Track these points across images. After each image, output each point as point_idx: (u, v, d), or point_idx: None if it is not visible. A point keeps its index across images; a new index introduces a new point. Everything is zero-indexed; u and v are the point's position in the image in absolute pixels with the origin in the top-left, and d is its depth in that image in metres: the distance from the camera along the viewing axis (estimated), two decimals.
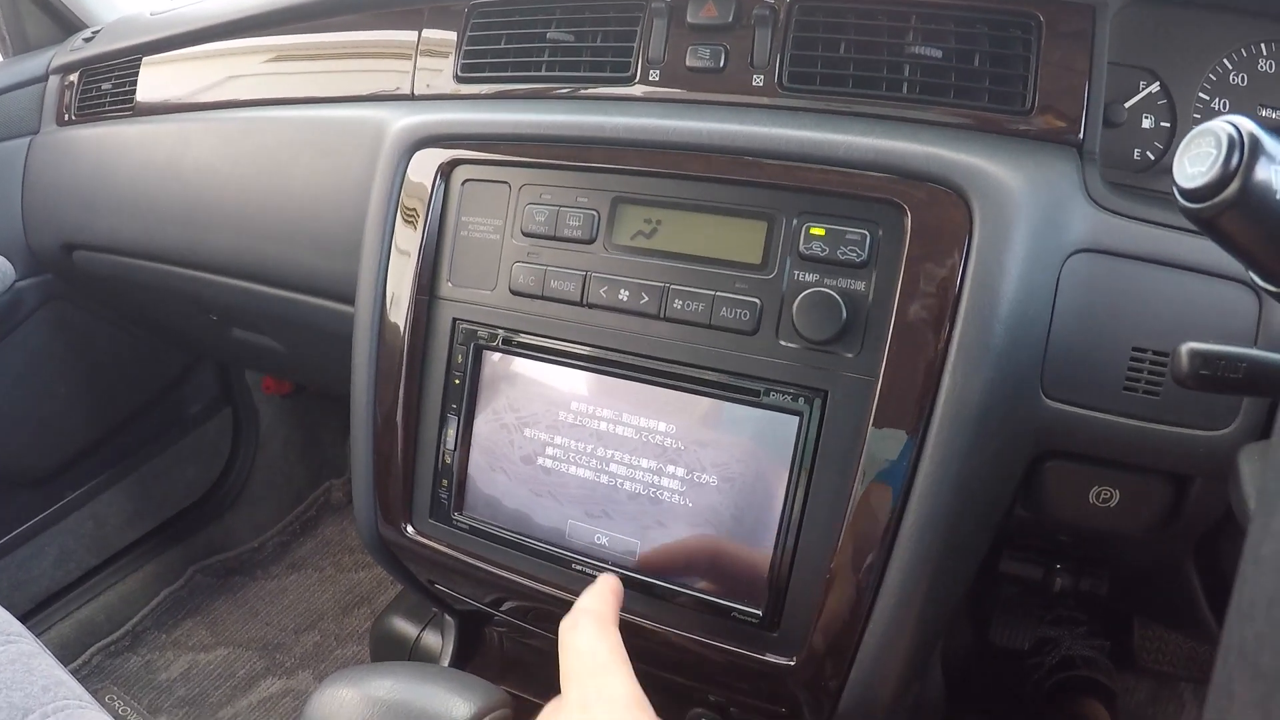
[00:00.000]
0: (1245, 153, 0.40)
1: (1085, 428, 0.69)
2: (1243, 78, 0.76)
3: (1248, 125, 0.41)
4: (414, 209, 0.88)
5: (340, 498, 2.17)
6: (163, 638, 1.85)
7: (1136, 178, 0.78)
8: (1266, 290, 0.48)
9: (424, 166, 0.88)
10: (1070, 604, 1.31)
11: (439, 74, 1.00)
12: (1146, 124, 0.78)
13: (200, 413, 1.99)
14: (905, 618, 0.71)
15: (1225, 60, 0.76)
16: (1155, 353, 0.67)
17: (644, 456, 0.78)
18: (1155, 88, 0.77)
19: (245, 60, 1.24)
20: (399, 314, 0.88)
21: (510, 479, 0.84)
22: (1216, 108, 0.77)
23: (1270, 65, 0.76)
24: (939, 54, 0.77)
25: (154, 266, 1.33)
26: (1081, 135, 0.73)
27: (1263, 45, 0.76)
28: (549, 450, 0.82)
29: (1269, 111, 0.76)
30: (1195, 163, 0.42)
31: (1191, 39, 0.77)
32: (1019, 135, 0.74)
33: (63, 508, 1.79)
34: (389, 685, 0.68)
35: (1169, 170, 0.76)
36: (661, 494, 0.77)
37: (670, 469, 0.77)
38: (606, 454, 0.79)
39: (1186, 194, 0.42)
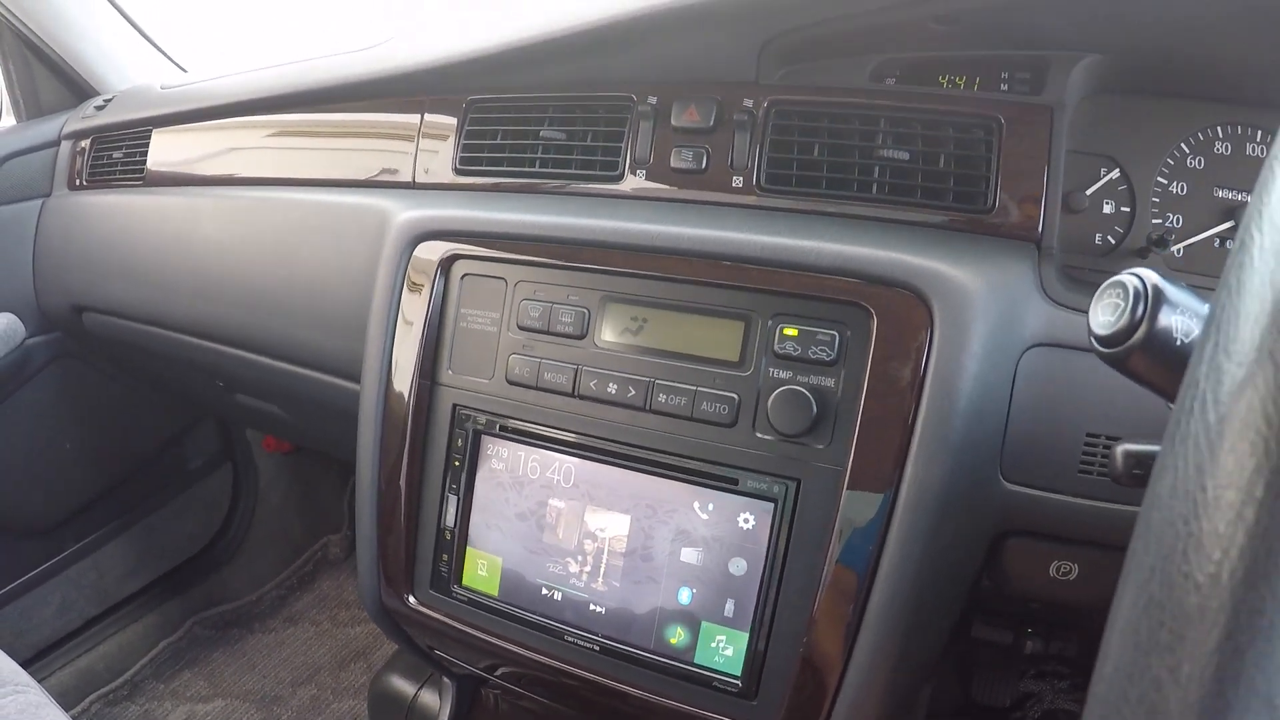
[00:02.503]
0: (1149, 303, 0.46)
1: (1044, 508, 0.74)
2: (1200, 160, 0.82)
3: (1152, 278, 0.46)
4: (417, 299, 0.94)
5: (337, 553, 2.20)
6: (161, 688, 1.87)
7: (1097, 261, 0.83)
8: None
9: (426, 258, 0.94)
10: (1051, 659, 1.35)
11: (439, 162, 1.06)
12: (1107, 209, 0.83)
13: (201, 467, 2.03)
14: (875, 686, 0.76)
15: (1183, 144, 0.81)
16: (1108, 437, 0.71)
17: (632, 537, 0.83)
18: (1115, 174, 0.82)
19: (252, 134, 1.30)
20: (402, 398, 0.94)
21: (508, 554, 0.89)
22: (1175, 191, 0.82)
23: (1226, 148, 0.81)
24: (906, 156, 0.83)
25: (162, 333, 1.38)
26: (1040, 231, 0.78)
27: (1218, 128, 0.81)
28: (545, 530, 0.87)
29: (1226, 193, 0.82)
30: (1106, 311, 0.47)
31: (1149, 126, 0.82)
32: (981, 233, 0.80)
33: (66, 558, 1.82)
34: None
35: (1130, 253, 0.82)
36: (647, 572, 0.82)
37: (656, 549, 0.82)
38: (598, 535, 0.84)
39: (1100, 340, 0.48)
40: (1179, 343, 0.46)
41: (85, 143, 1.54)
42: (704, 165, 0.91)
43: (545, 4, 0.96)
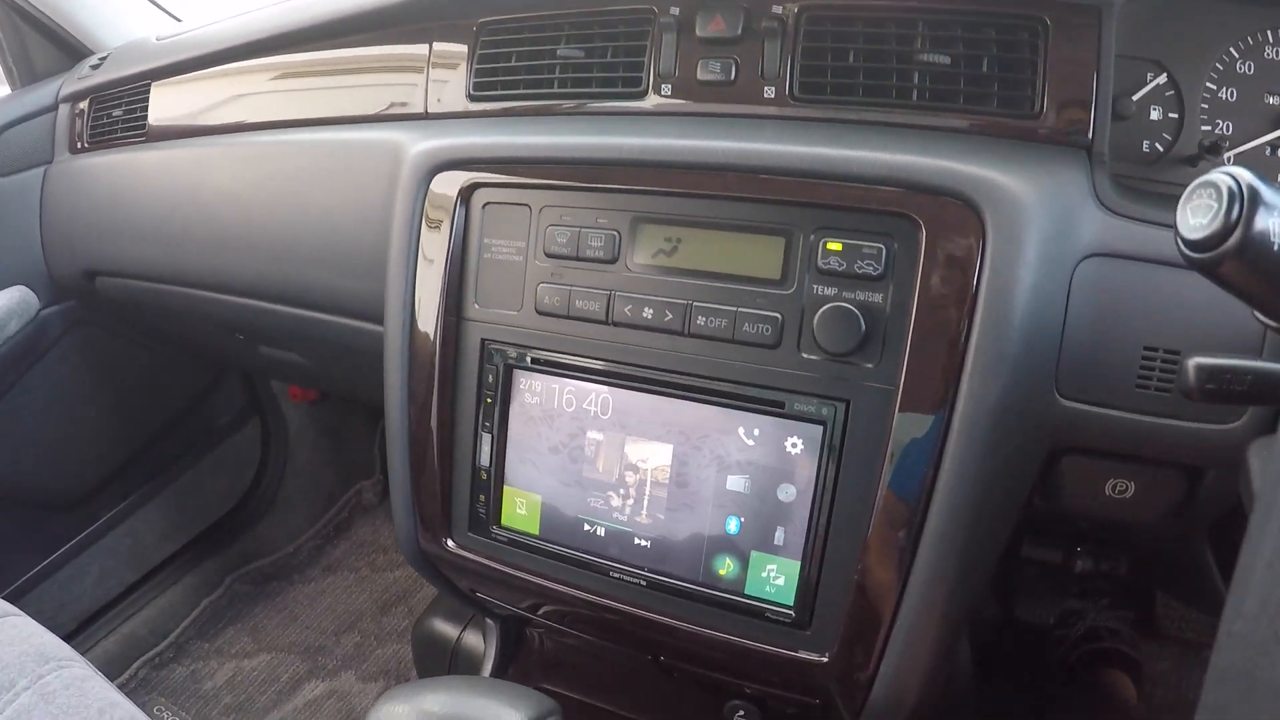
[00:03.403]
0: (1245, 205, 0.42)
1: (1099, 424, 0.71)
2: (1250, 66, 0.77)
3: (1246, 177, 0.43)
4: (437, 233, 0.90)
5: (371, 499, 2.21)
6: (206, 647, 1.89)
7: (1146, 169, 0.79)
8: (1267, 325, 0.50)
9: (444, 190, 0.90)
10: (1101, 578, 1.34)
11: (451, 90, 1.02)
12: (1155, 115, 0.79)
13: (229, 424, 2.03)
14: (931, 610, 0.74)
15: (1231, 49, 0.77)
16: (1166, 351, 0.69)
17: (677, 468, 0.80)
18: (1163, 79, 0.78)
19: (254, 78, 1.26)
20: (428, 336, 0.91)
21: (546, 491, 0.87)
22: (1224, 97, 0.78)
23: (1277, 52, 0.77)
24: (947, 60, 0.78)
25: (178, 290, 1.36)
26: (1090, 136, 0.75)
27: (1269, 32, 0.77)
28: (583, 464, 0.85)
29: (1277, 99, 0.77)
30: (1197, 214, 0.44)
31: (1197, 29, 0.78)
32: (1028, 139, 0.76)
33: (100, 527, 1.83)
34: (442, 699, 0.71)
35: (1178, 161, 0.78)
36: (693, 502, 0.80)
37: (701, 478, 0.80)
38: (639, 466, 0.82)
39: (1190, 244, 0.44)
40: (1277, 247, 0.42)
41: (83, 104, 1.50)
42: (733, 76, 0.86)
43: None
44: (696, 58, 0.88)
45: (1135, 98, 0.78)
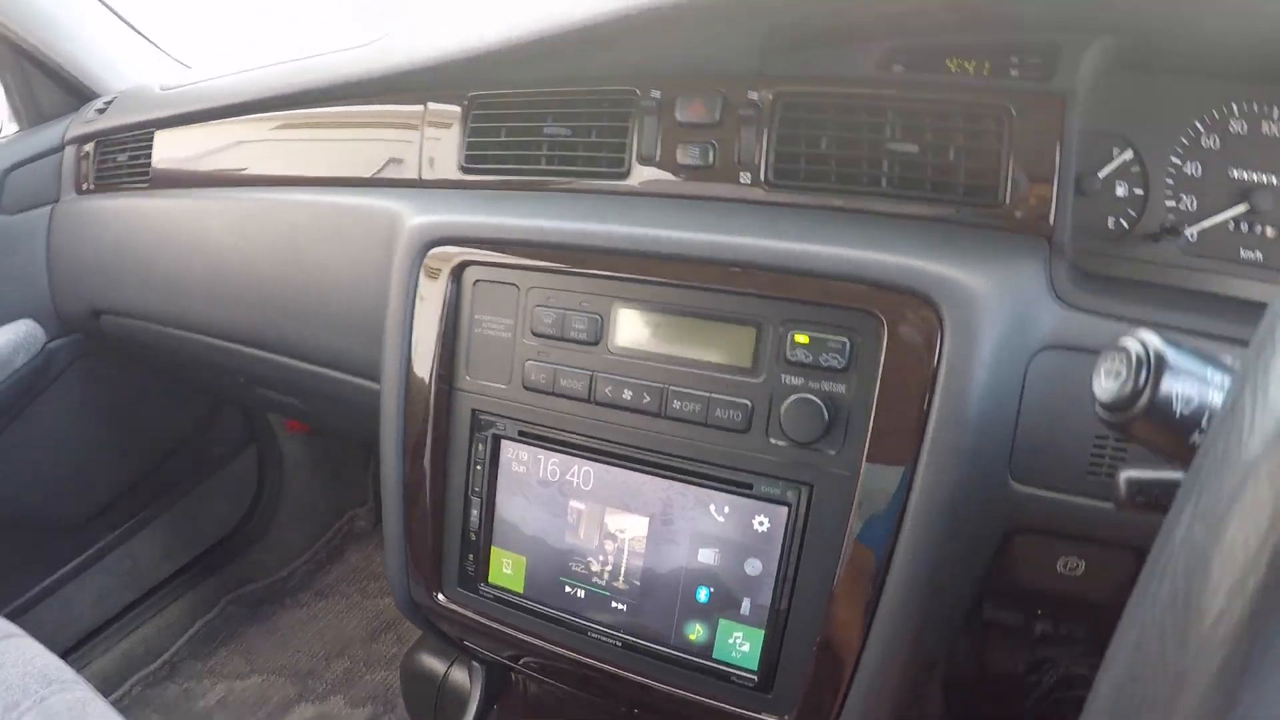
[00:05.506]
0: (1151, 371, 0.46)
1: (1051, 507, 0.75)
2: (1215, 140, 0.80)
3: (1155, 344, 0.46)
4: (431, 306, 0.94)
5: (363, 525, 2.25)
6: (199, 666, 1.93)
7: (1110, 246, 0.82)
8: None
9: (437, 265, 0.94)
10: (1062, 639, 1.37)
11: (444, 158, 1.06)
12: (1120, 191, 0.82)
13: (227, 452, 2.08)
14: (887, 675, 0.78)
15: (1197, 123, 0.80)
16: (1116, 441, 0.72)
17: (652, 539, 0.85)
18: (1129, 155, 0.81)
19: (255, 128, 1.29)
20: (422, 402, 0.95)
21: (531, 553, 0.92)
22: (1189, 172, 0.81)
23: (1242, 126, 0.80)
24: (915, 148, 0.82)
25: (180, 334, 1.40)
26: (1052, 224, 0.77)
27: (1233, 105, 0.79)
28: (566, 530, 0.89)
29: (1241, 173, 0.80)
30: (1109, 377, 0.48)
31: (1163, 104, 0.80)
32: (993, 227, 0.79)
33: (100, 550, 1.87)
34: None
35: (1143, 237, 0.81)
36: (668, 571, 0.85)
37: (674, 549, 0.84)
38: (618, 535, 0.87)
39: (1102, 405, 0.48)
40: (1178, 414, 0.46)
41: (89, 146, 1.53)
42: (711, 161, 0.90)
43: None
44: (676, 141, 0.92)
45: (1101, 174, 0.81)
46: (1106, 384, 0.48)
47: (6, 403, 1.51)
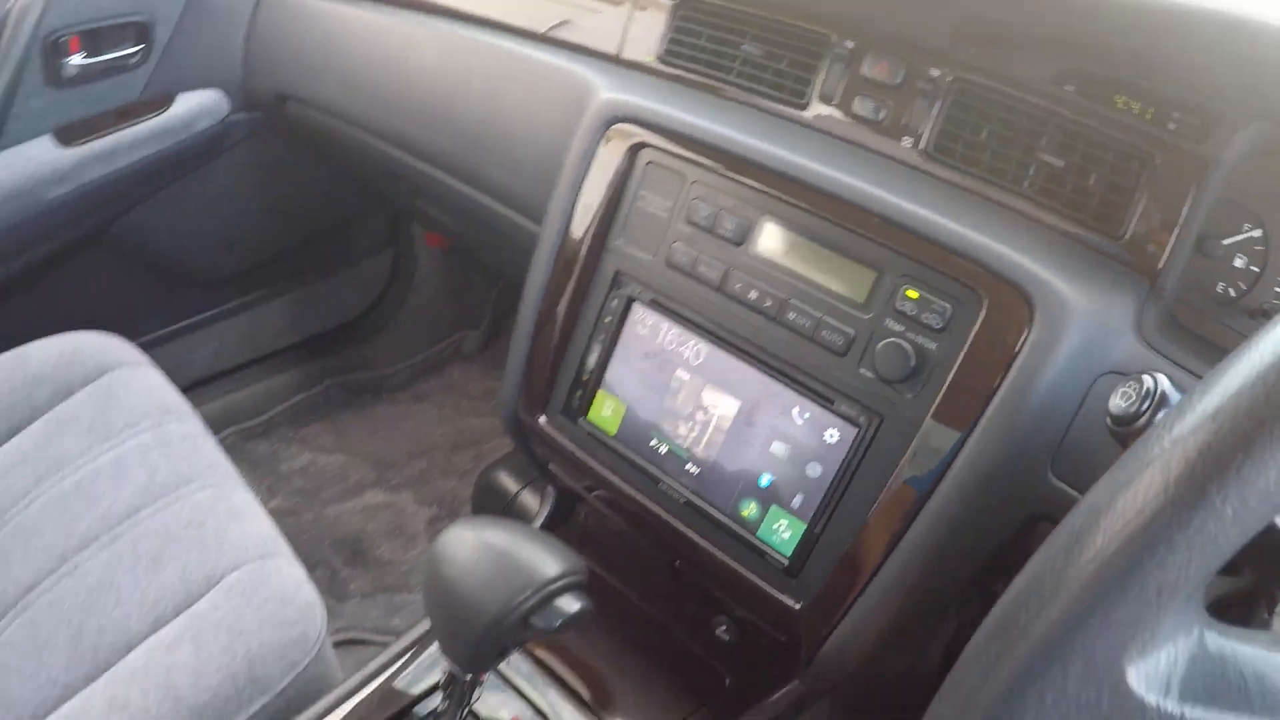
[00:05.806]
0: (1154, 401, 0.61)
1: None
2: None
3: (1164, 384, 0.62)
4: (602, 172, 1.08)
5: (471, 348, 2.38)
6: (291, 433, 2.10)
7: (1212, 309, 0.89)
8: None
9: (617, 138, 1.07)
10: None
11: (645, 44, 1.18)
12: (1239, 263, 0.88)
13: (366, 248, 2.22)
14: (894, 595, 0.91)
15: None
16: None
17: (736, 420, 0.99)
18: (1257, 233, 0.87)
19: None
20: (573, 252, 1.09)
21: (632, 402, 1.07)
22: None
23: None
24: (1061, 164, 0.91)
25: (361, 134, 1.54)
26: (1159, 270, 0.86)
27: None
28: (666, 394, 1.04)
29: None
30: (1123, 398, 0.64)
31: None
32: (1107, 255, 0.88)
33: (228, 310, 2.04)
34: (502, 537, 0.83)
35: (1243, 311, 0.89)
36: (742, 452, 0.99)
37: (753, 435, 0.98)
38: (709, 409, 1.01)
39: (1111, 417, 0.64)
40: None
41: None
42: (881, 118, 1.01)
43: None
44: (856, 91, 1.02)
45: (1225, 241, 0.88)
46: (1119, 402, 0.64)
47: (180, 160, 1.65)
